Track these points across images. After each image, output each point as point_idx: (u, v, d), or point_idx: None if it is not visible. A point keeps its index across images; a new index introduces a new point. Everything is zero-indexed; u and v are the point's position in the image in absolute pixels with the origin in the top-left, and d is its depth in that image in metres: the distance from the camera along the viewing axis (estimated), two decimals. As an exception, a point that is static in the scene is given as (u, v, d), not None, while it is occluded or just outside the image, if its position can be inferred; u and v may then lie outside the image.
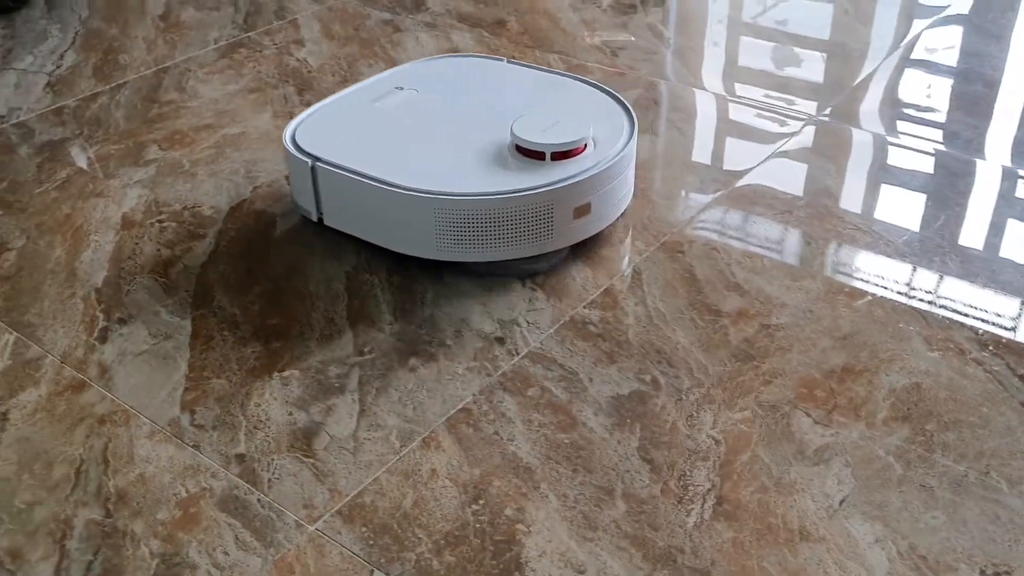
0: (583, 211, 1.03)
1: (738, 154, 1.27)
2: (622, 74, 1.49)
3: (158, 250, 1.11)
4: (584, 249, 1.09)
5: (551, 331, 0.98)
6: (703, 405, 0.89)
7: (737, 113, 1.38)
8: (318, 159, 1.08)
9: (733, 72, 1.49)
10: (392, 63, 1.54)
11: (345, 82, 1.49)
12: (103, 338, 0.98)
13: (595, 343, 0.96)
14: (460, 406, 0.89)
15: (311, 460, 0.84)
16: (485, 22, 1.69)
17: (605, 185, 1.04)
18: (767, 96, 1.42)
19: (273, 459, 0.84)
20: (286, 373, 0.94)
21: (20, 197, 1.22)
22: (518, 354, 0.95)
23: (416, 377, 0.93)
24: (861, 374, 0.92)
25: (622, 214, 1.14)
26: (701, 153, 1.28)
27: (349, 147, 1.09)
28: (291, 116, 1.40)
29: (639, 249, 1.09)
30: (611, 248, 1.10)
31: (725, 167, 1.25)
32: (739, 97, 1.42)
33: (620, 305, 1.01)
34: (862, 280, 1.04)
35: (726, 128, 1.34)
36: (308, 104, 1.42)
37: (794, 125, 1.34)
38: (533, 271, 1.06)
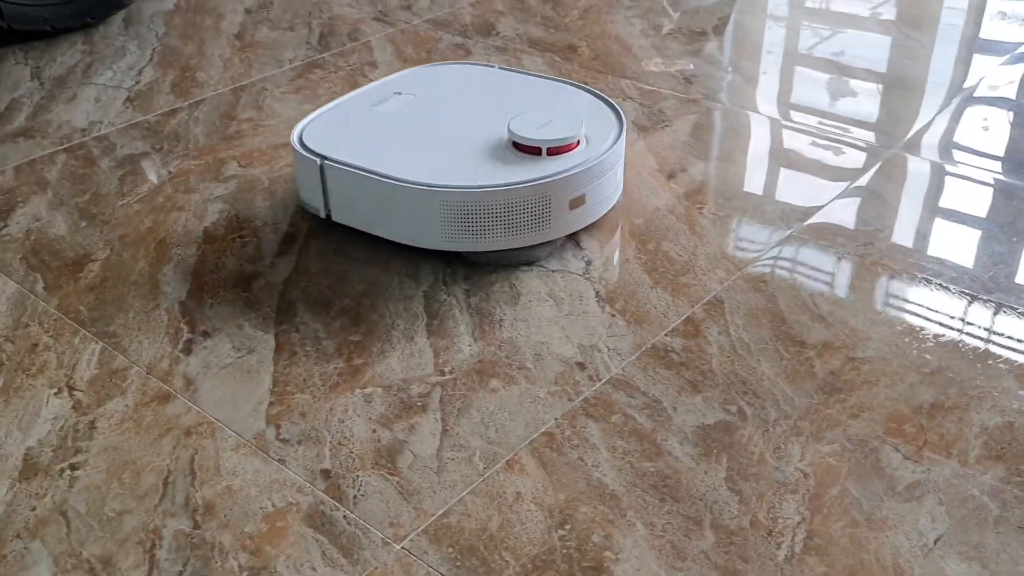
0: (578, 202, 1.09)
1: (815, 187, 1.26)
2: (695, 101, 1.49)
3: (240, 265, 1.13)
4: (663, 275, 1.09)
5: (633, 358, 0.97)
6: (790, 437, 0.88)
7: (814, 147, 1.37)
8: (326, 158, 1.12)
9: (806, 105, 1.49)
10: (465, 86, 1.55)
11: (418, 104, 1.50)
12: (188, 350, 0.99)
13: (678, 372, 0.95)
14: (543, 430, 0.89)
15: (396, 478, 0.84)
16: (556, 47, 1.70)
17: (597, 178, 1.11)
18: (842, 131, 1.41)
19: (358, 476, 0.84)
20: (368, 390, 0.94)
21: (103, 209, 1.24)
22: (600, 380, 0.95)
23: (497, 399, 0.92)
24: (951, 411, 0.91)
25: (703, 245, 1.14)
26: (779, 185, 1.27)
27: (354, 147, 1.14)
28: (366, 136, 1.41)
29: (720, 278, 1.09)
30: (691, 276, 1.09)
31: (802, 200, 1.24)
32: (814, 130, 1.41)
33: (702, 334, 1.00)
34: (947, 315, 1.03)
35: (802, 162, 1.33)
36: (383, 125, 1.44)
37: (868, 159, 1.32)
38: (531, 259, 1.11)
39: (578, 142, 1.11)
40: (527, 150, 1.10)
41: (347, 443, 0.88)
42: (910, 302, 1.05)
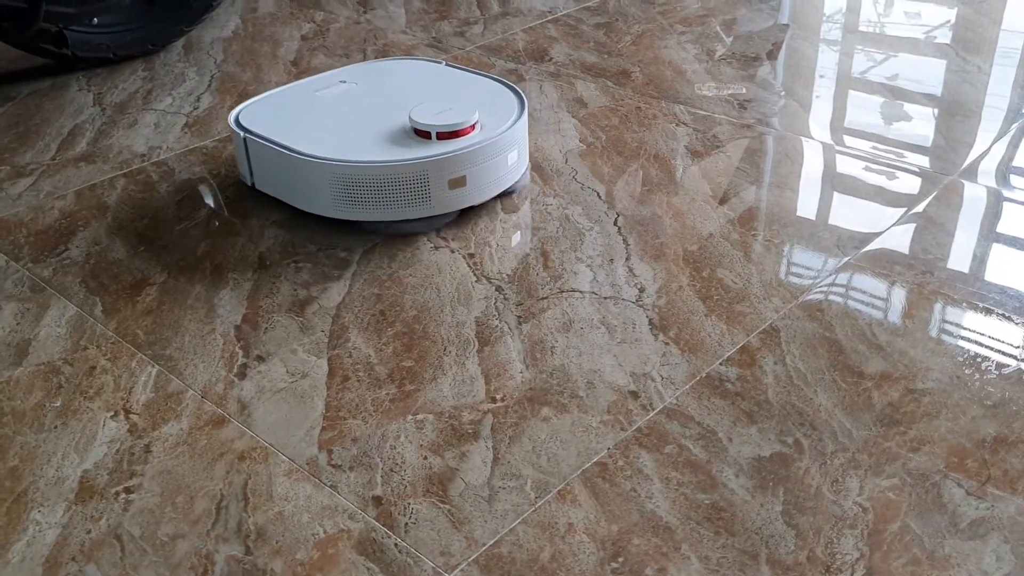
0: (458, 183, 1.20)
1: (871, 214, 1.24)
2: (748, 126, 1.47)
3: (294, 290, 1.14)
4: (718, 303, 1.07)
5: (687, 387, 0.96)
6: (848, 470, 0.86)
7: (869, 173, 1.34)
8: (250, 133, 1.27)
9: (860, 130, 1.46)
10: (516, 111, 1.56)
11: (470, 129, 1.51)
12: (242, 374, 1.00)
13: (733, 402, 0.94)
14: (595, 460, 0.88)
15: (447, 506, 0.84)
16: (609, 72, 1.70)
17: (479, 162, 1.21)
18: (898, 157, 1.38)
19: (409, 503, 0.84)
20: (420, 416, 0.94)
21: (161, 234, 1.26)
22: (653, 409, 0.93)
23: (549, 427, 0.92)
24: (1015, 445, 0.88)
25: (757, 272, 1.12)
26: (834, 211, 1.25)
27: (279, 125, 1.29)
28: (418, 161, 1.42)
29: (775, 306, 1.07)
30: (746, 303, 1.08)
31: (858, 226, 1.22)
32: (869, 155, 1.39)
33: (758, 363, 0.99)
34: (1010, 345, 1.00)
35: (858, 188, 1.31)
36: (435, 150, 1.45)
37: (925, 186, 1.30)
38: (417, 231, 1.23)
39: (472, 129, 1.22)
40: (421, 134, 1.23)
41: (398, 470, 0.88)
42: (971, 332, 1.02)
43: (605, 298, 1.10)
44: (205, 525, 0.83)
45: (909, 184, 1.30)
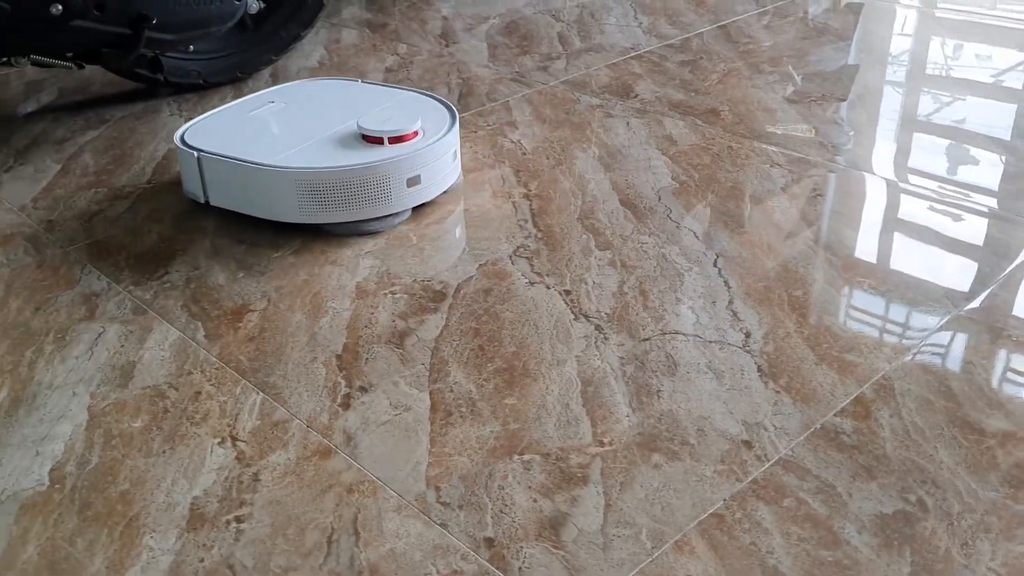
0: (414, 181, 1.31)
1: (981, 264, 1.21)
2: (846, 169, 1.45)
3: (393, 321, 1.13)
4: (827, 352, 1.05)
5: (801, 438, 0.93)
6: (978, 533, 0.82)
7: (977, 223, 1.31)
8: (203, 151, 1.33)
9: (965, 182, 1.44)
10: (605, 148, 1.55)
11: (560, 165, 1.50)
12: (346, 405, 1.00)
13: (851, 455, 0.91)
14: (711, 511, 0.86)
15: (561, 552, 0.82)
16: (697, 110, 1.69)
17: (430, 162, 1.32)
18: (1008, 211, 1.35)
19: (522, 547, 0.82)
20: (527, 457, 0.92)
21: (259, 260, 1.27)
22: (768, 460, 0.91)
23: (662, 475, 0.90)
24: None
25: (866, 320, 1.10)
26: (942, 260, 1.22)
27: (229, 142, 1.35)
28: (510, 197, 1.42)
29: (887, 356, 1.04)
30: (856, 353, 1.05)
31: (968, 277, 1.19)
32: (977, 206, 1.36)
33: (873, 416, 0.96)
34: None
35: (967, 238, 1.28)
36: (526, 185, 1.44)
37: (1041, 235, 1.27)
38: (376, 230, 1.32)
39: (416, 134, 1.33)
40: (372, 140, 1.32)
41: (508, 511, 0.86)
42: (1096, 392, 0.99)
43: (710, 342, 1.08)
44: (317, 559, 0.82)
45: (1020, 236, 1.27)
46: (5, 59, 1.52)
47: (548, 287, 1.19)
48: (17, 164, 1.57)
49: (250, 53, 1.85)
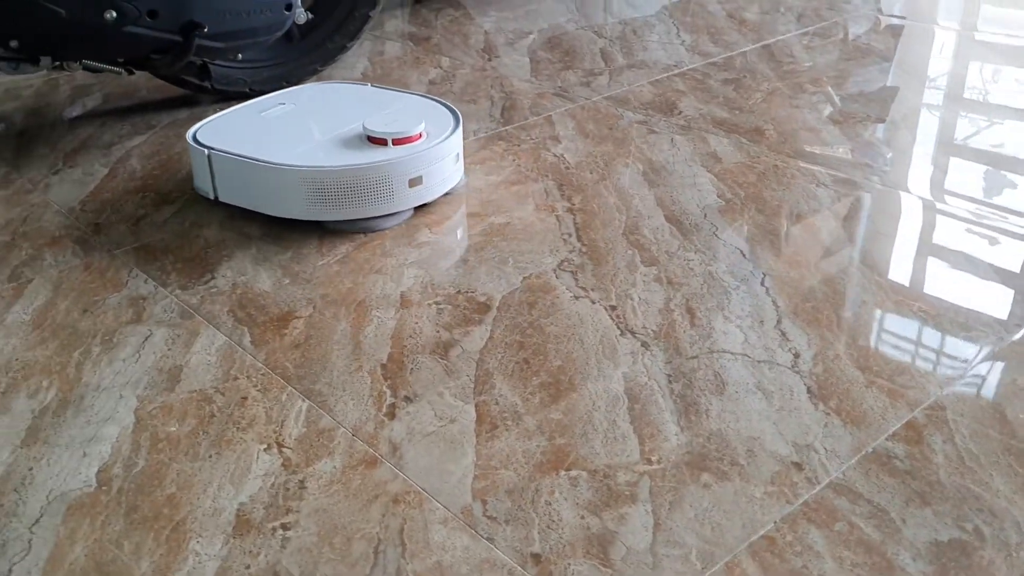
0: (416, 182, 1.34)
1: (1036, 288, 1.19)
2: (893, 191, 1.44)
3: (437, 331, 1.13)
4: (878, 374, 1.03)
5: (853, 461, 0.92)
6: (1037, 565, 0.81)
7: (1021, 251, 1.30)
8: (213, 149, 1.36)
9: (1013, 207, 1.42)
10: (649, 163, 1.55)
11: (603, 179, 1.50)
12: (391, 414, 1.00)
13: (903, 480, 0.90)
14: (762, 533, 0.84)
15: (609, 570, 0.81)
16: (742, 129, 1.68)
17: (432, 163, 1.35)
18: (1060, 228, 1.33)
19: (570, 564, 0.82)
20: (573, 473, 0.92)
21: (304, 268, 1.27)
22: (819, 483, 0.90)
23: (711, 495, 0.89)
24: None
25: (918, 343, 1.08)
26: (994, 285, 1.21)
27: (240, 141, 1.39)
28: (553, 210, 1.41)
29: (939, 381, 1.03)
30: (907, 376, 1.03)
31: (1018, 302, 1.17)
32: (1017, 234, 1.34)
33: (926, 441, 0.94)
34: None
35: (1018, 261, 1.26)
36: (569, 199, 1.44)
37: (1096, 262, 1.24)
38: (379, 228, 1.35)
39: (420, 136, 1.37)
40: (377, 141, 1.36)
41: (556, 527, 0.85)
42: None
43: (759, 361, 1.07)
44: (364, 569, 0.81)
45: (1071, 261, 1.25)
46: (58, 63, 1.54)
47: (593, 302, 1.18)
48: (66, 167, 1.59)
49: (296, 63, 1.86)
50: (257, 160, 1.33)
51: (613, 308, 1.17)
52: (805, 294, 1.19)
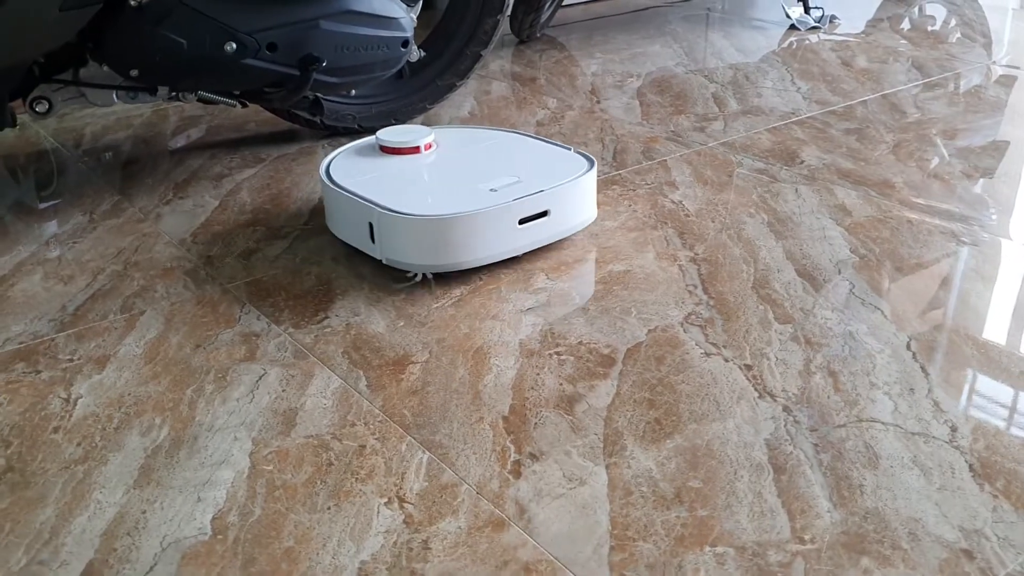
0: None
1: None
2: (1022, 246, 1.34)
3: (560, 384, 1.07)
4: (1050, 456, 0.94)
5: (1033, 553, 0.83)
6: None
7: None
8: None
9: None
10: (774, 214, 1.47)
11: (726, 229, 1.43)
12: (516, 472, 0.93)
13: (1095, 578, 0.80)
14: (937, 629, 0.76)
15: (767, 663, 0.73)
16: (869, 181, 1.59)
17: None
18: None
19: (722, 653, 0.74)
20: (719, 549, 0.84)
21: (419, 310, 1.22)
22: (994, 575, 0.81)
23: (874, 581, 0.80)
24: None
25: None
26: None
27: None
28: (675, 259, 1.35)
29: (1122, 466, 0.93)
30: (1084, 460, 0.94)
31: None
32: None
33: (1115, 534, 0.85)
34: None
35: None
36: (692, 248, 1.37)
37: None
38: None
39: (428, 146, 1.45)
40: (390, 151, 1.45)
41: (703, 609, 0.78)
42: None
43: (913, 434, 0.98)
44: (496, 645, 0.75)
45: None
46: (174, 94, 1.54)
47: (726, 360, 1.11)
48: (176, 198, 1.58)
49: (406, 100, 1.84)
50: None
51: (748, 368, 1.10)
52: (956, 362, 1.10)
